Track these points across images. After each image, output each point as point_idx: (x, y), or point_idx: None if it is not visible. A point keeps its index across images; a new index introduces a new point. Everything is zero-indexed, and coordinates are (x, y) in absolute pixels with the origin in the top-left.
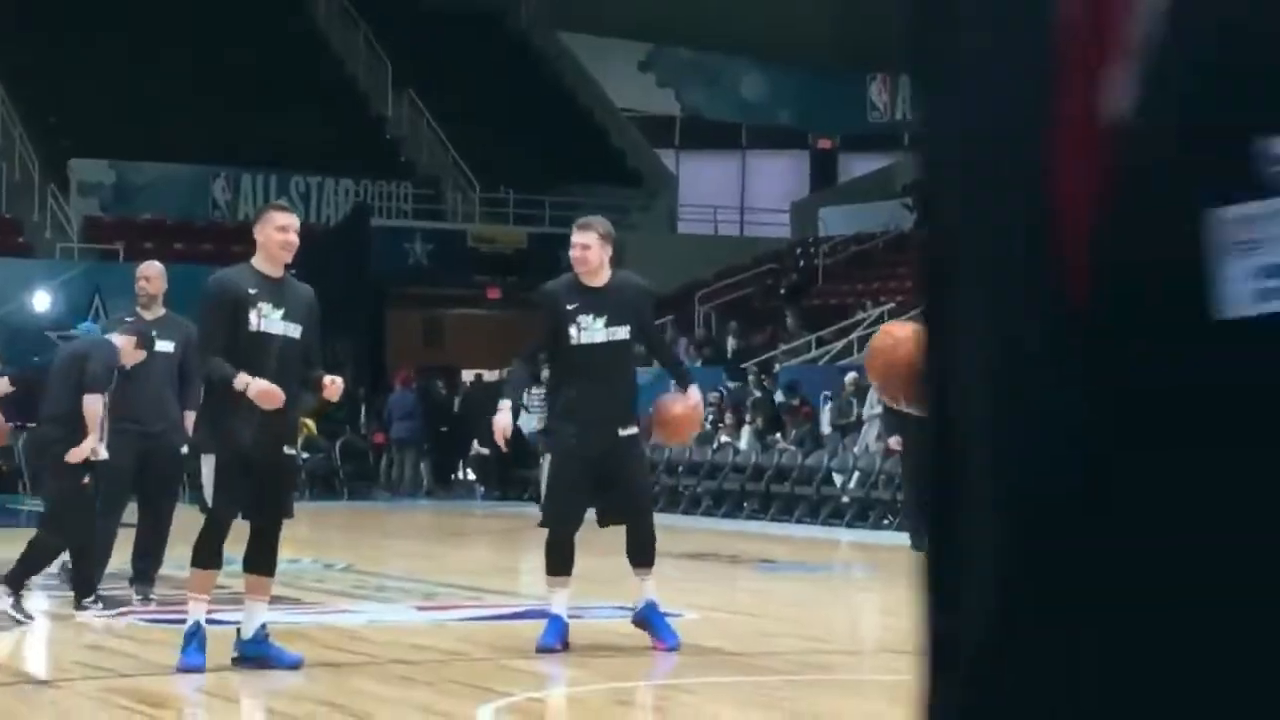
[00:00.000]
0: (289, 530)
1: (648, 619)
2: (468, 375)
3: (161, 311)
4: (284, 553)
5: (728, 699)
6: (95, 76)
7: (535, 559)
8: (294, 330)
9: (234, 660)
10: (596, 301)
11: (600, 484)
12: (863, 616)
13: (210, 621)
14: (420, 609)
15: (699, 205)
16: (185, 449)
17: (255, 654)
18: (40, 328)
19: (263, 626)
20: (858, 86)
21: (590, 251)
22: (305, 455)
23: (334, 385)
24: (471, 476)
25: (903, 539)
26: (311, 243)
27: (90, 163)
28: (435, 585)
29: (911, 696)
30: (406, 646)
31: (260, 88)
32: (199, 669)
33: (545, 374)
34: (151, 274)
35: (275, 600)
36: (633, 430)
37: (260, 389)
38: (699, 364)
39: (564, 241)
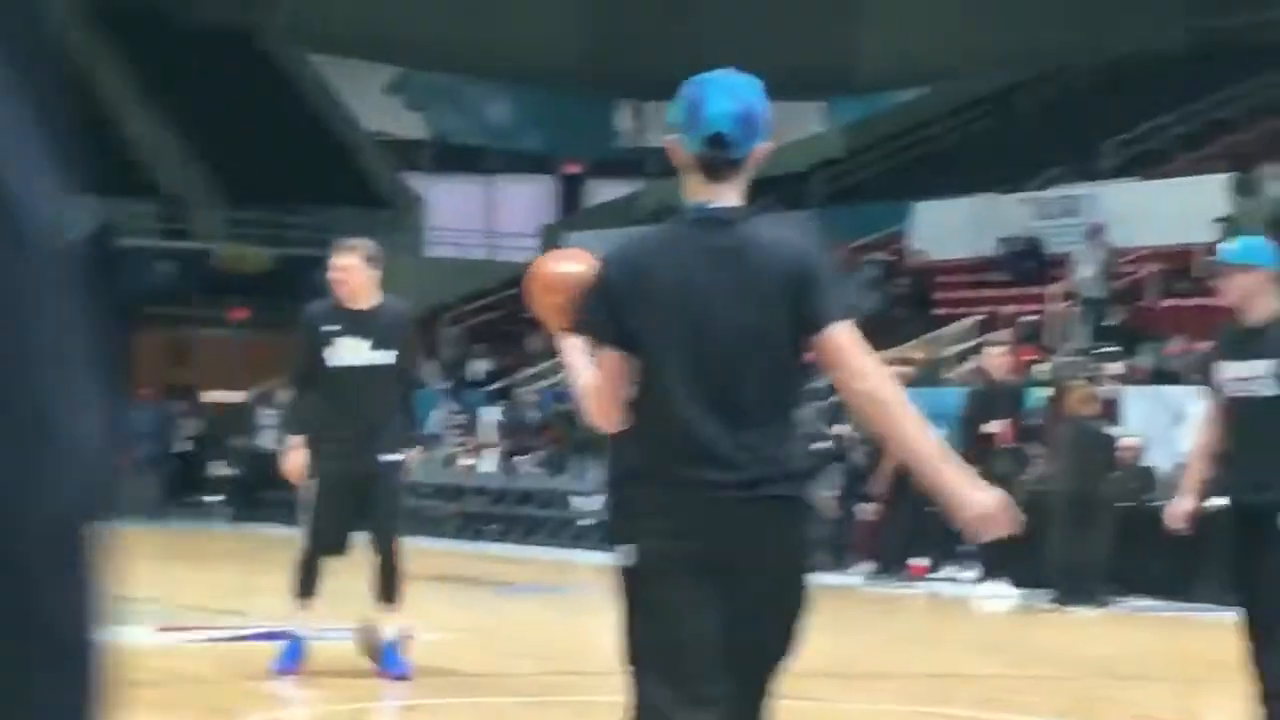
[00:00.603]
0: None
1: (385, 653)
2: (213, 396)
3: None
4: None
5: (467, 719)
6: None
7: (276, 580)
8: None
9: None
10: (359, 324)
11: (358, 509)
12: (598, 638)
13: None
14: (161, 630)
15: (447, 229)
16: None
17: None
18: None
19: None
20: (605, 111)
21: (350, 274)
22: None
23: None
24: (214, 498)
25: None
26: None
27: None
28: (175, 606)
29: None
30: (143, 669)
31: None
32: None
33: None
34: None
35: None
36: (395, 456)
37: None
38: (447, 386)
39: (311, 263)
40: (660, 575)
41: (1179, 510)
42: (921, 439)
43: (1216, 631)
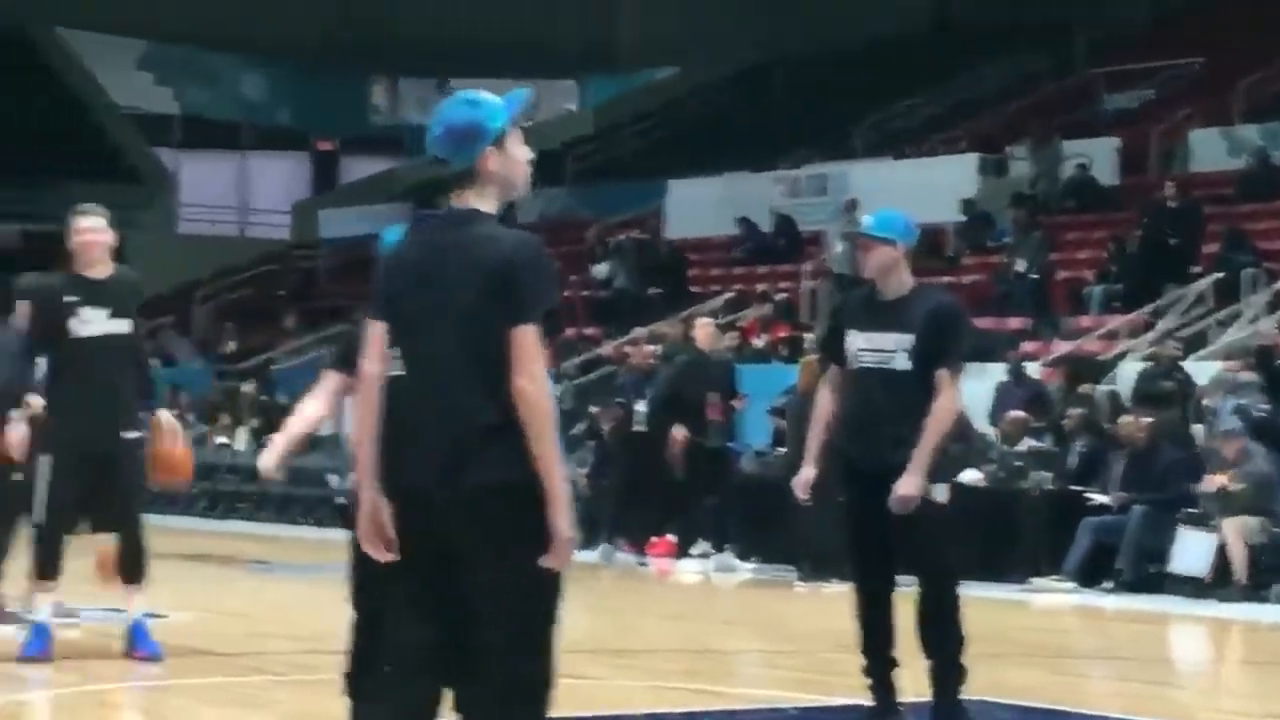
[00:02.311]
0: None
1: (133, 634)
2: None
3: None
4: None
5: (217, 699)
6: None
7: (20, 562)
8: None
9: None
10: (98, 293)
11: (97, 487)
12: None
13: None
14: None
15: (199, 205)
16: None
17: None
18: None
19: None
20: (359, 88)
21: (100, 235)
22: None
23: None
24: None
25: None
26: None
27: None
28: None
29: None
30: None
31: None
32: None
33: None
34: None
35: None
36: (135, 434)
37: None
38: (197, 364)
39: (60, 239)
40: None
41: (803, 479)
42: (549, 458)
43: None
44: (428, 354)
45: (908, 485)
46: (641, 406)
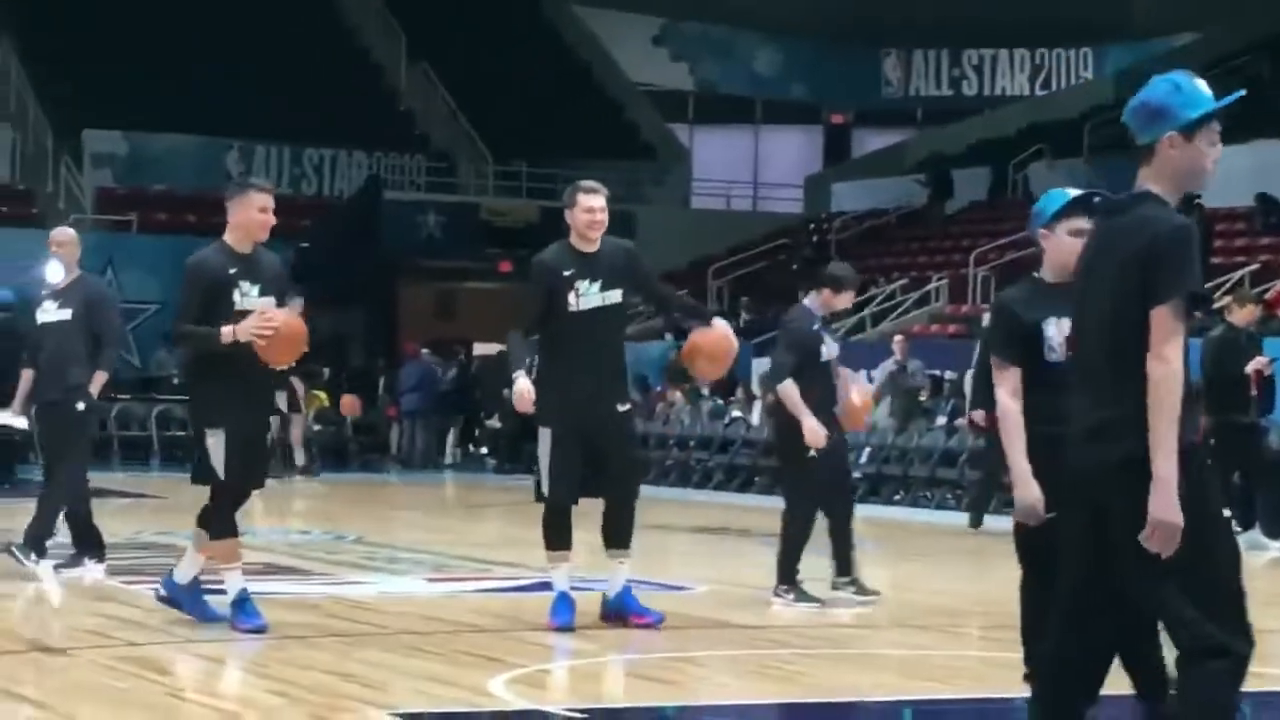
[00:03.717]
0: (299, 502)
1: (624, 604)
2: (479, 349)
3: (75, 274)
4: (294, 524)
5: (739, 671)
6: (109, 47)
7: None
8: (270, 303)
9: (232, 615)
10: (592, 267)
11: (592, 458)
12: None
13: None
14: (431, 580)
15: (712, 180)
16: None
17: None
18: None
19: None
20: (872, 61)
21: (605, 214)
22: (317, 427)
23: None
24: (484, 450)
25: (906, 514)
26: (324, 216)
27: (103, 134)
28: (446, 557)
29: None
30: (417, 618)
31: (274, 59)
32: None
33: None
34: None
35: (284, 571)
36: (627, 406)
37: (248, 327)
38: None
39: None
40: None
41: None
42: (1159, 438)
43: None
44: (1081, 331)
45: None
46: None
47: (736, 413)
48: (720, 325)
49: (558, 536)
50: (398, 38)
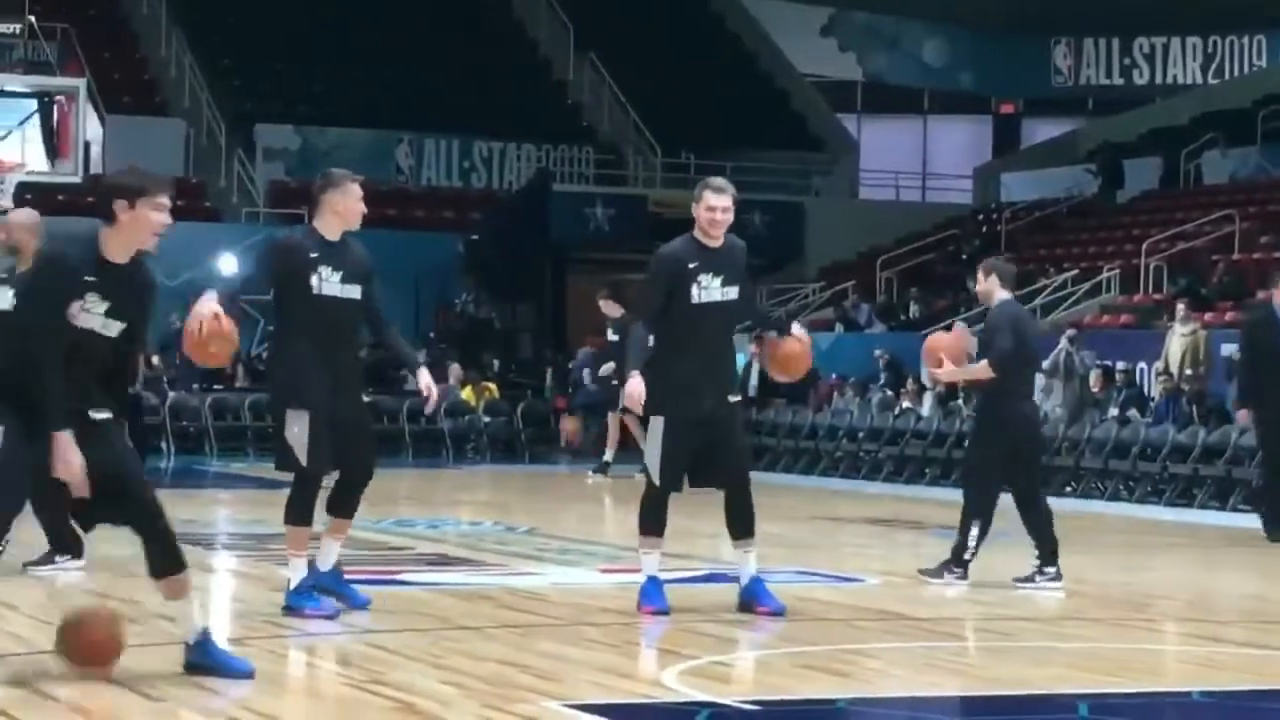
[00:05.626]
0: (470, 493)
1: (754, 593)
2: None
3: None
4: (465, 515)
5: (911, 663)
6: (280, 41)
7: (715, 523)
8: (353, 291)
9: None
10: (715, 262)
11: (704, 447)
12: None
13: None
14: (604, 571)
15: (880, 170)
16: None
17: (332, 584)
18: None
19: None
20: (1041, 50)
21: (727, 214)
22: (487, 419)
23: (433, 396)
24: None
25: (1077, 505)
26: (494, 208)
27: (276, 128)
28: (618, 548)
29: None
30: (590, 609)
31: (444, 53)
32: (333, 615)
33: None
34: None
35: (456, 562)
36: (738, 397)
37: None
38: (883, 329)
39: (744, 206)
40: None
41: None
42: None
43: None
44: None
45: None
46: None
47: (907, 404)
48: (794, 336)
49: (656, 523)
50: (566, 30)
